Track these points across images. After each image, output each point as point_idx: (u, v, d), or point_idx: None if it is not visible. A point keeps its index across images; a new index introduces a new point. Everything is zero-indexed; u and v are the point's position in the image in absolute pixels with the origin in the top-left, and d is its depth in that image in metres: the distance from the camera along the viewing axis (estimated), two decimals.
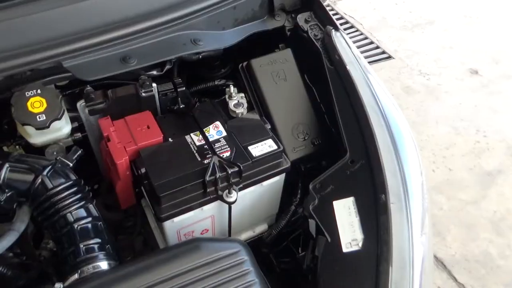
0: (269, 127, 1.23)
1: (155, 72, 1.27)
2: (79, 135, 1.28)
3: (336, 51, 1.27)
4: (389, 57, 3.58)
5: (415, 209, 1.00)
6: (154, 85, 1.25)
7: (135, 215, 1.40)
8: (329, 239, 1.04)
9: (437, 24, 3.90)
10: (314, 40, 1.34)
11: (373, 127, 1.12)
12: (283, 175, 1.23)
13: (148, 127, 1.18)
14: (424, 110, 3.12)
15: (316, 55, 1.33)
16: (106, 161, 1.24)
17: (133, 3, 1.20)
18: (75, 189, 1.05)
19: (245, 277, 0.93)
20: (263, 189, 1.21)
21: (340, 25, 1.51)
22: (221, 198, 1.09)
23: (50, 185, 1.02)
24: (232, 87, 1.33)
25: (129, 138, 1.15)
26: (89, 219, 1.03)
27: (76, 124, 1.24)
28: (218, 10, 1.30)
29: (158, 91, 1.28)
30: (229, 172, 1.09)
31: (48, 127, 1.05)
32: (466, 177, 2.71)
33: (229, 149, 1.14)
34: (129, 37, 1.13)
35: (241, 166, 1.09)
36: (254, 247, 1.05)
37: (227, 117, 1.27)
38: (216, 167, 1.09)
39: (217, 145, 1.15)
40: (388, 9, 4.07)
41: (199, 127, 1.19)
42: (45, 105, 1.04)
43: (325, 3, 1.43)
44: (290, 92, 1.34)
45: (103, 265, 0.96)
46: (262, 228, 1.38)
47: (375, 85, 1.21)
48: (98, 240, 1.01)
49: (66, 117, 1.17)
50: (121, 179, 1.15)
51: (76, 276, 0.92)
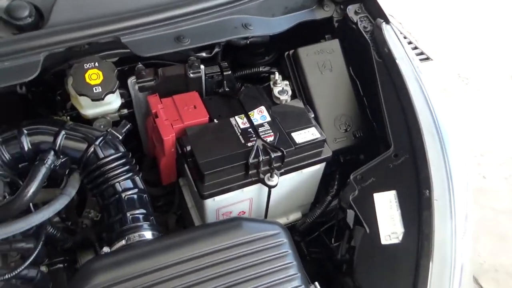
0: (313, 115, 1.24)
1: (204, 54, 1.29)
2: (125, 111, 1.33)
3: (385, 44, 1.26)
4: (427, 59, 3.50)
5: (459, 208, 0.99)
6: (202, 67, 1.28)
7: (173, 193, 1.45)
8: (368, 230, 1.04)
9: (476, 28, 3.78)
10: (363, 32, 1.33)
11: (420, 123, 1.11)
12: (323, 165, 1.24)
13: (194, 107, 1.21)
14: (460, 114, 3.04)
15: (364, 47, 1.33)
16: (151, 138, 1.27)
17: None
18: (123, 160, 1.09)
19: (284, 258, 0.95)
20: (302, 176, 1.22)
21: None
22: (262, 181, 1.11)
23: (101, 155, 1.06)
24: (277, 74, 1.35)
25: (176, 116, 1.18)
26: (136, 191, 1.07)
27: (123, 100, 1.29)
28: None
29: (205, 73, 1.30)
30: (272, 156, 1.10)
31: (102, 99, 1.09)
32: (501, 186, 2.63)
33: (272, 134, 1.15)
34: (184, 18, 1.15)
35: (284, 151, 1.11)
36: None
37: (271, 103, 1.28)
38: (259, 150, 1.11)
39: (261, 129, 1.16)
40: (428, 10, 3.97)
41: (244, 111, 1.21)
42: (101, 77, 1.08)
43: None
44: (335, 82, 1.34)
45: (148, 234, 1.00)
46: (296, 216, 1.39)
47: (425, 81, 1.19)
48: (143, 211, 1.05)
49: (117, 92, 1.22)
50: (166, 156, 1.18)
51: (123, 242, 0.96)
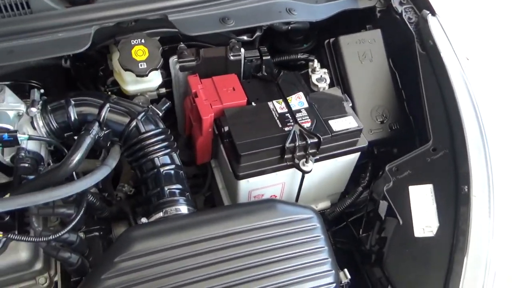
0: (351, 104, 1.23)
1: (245, 37, 1.30)
2: (163, 90, 1.36)
3: (431, 37, 1.23)
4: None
5: (499, 206, 0.97)
6: (242, 50, 1.29)
7: (201, 175, 1.47)
8: (401, 222, 1.04)
9: None
10: (407, 23, 1.30)
11: (462, 119, 1.09)
12: (358, 154, 1.23)
13: (233, 89, 1.22)
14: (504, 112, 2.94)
15: (407, 39, 1.30)
16: (188, 117, 1.30)
17: None
18: (163, 136, 1.12)
19: (316, 242, 0.96)
20: (336, 165, 1.22)
21: None
22: (297, 166, 1.11)
23: (142, 130, 1.09)
24: (316, 61, 1.35)
25: (215, 97, 1.19)
26: (173, 166, 1.10)
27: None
28: None
29: (244, 57, 1.31)
30: (309, 142, 1.11)
31: (146, 75, 1.11)
32: None
33: (309, 120, 1.16)
34: None
35: (321, 137, 1.11)
36: None
37: (308, 90, 1.28)
38: (296, 135, 1.11)
39: (298, 115, 1.17)
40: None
41: (283, 95, 1.21)
42: (147, 54, 1.10)
43: None
44: (374, 73, 1.32)
45: (183, 209, 1.03)
46: (325, 204, 1.39)
47: (469, 77, 1.16)
48: (179, 186, 1.07)
49: (159, 71, 1.24)
50: (203, 135, 1.20)
51: (160, 214, 0.99)
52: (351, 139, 1.18)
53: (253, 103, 1.21)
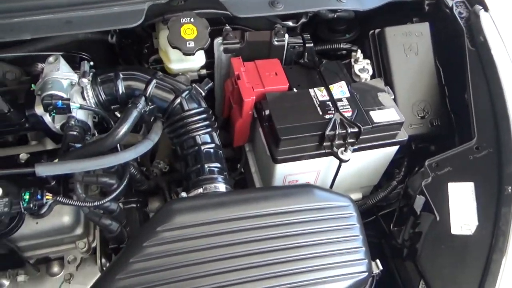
0: (393, 97, 1.22)
1: (290, 23, 1.30)
2: (204, 71, 1.38)
3: (482, 33, 1.20)
4: None
5: None
6: (286, 35, 1.29)
7: (235, 158, 1.49)
8: (438, 218, 1.03)
9: None
10: (458, 17, 1.27)
11: (510, 119, 1.06)
12: (396, 148, 1.22)
13: (275, 74, 1.23)
14: None
15: (456, 34, 1.27)
16: (228, 99, 1.31)
17: None
18: (205, 116, 1.14)
19: (351, 231, 0.97)
20: (373, 157, 1.22)
21: None
22: (335, 154, 1.11)
23: (186, 107, 1.11)
24: (359, 52, 1.33)
25: (258, 80, 1.20)
26: (213, 145, 1.12)
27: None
28: None
29: (287, 43, 1.31)
30: (349, 131, 1.11)
31: (193, 54, 1.13)
32: None
33: (350, 109, 1.15)
34: None
35: (361, 127, 1.10)
36: None
37: (350, 79, 1.28)
38: (336, 123, 1.11)
39: (340, 103, 1.16)
40: None
41: (325, 83, 1.21)
42: (195, 33, 1.12)
43: None
44: (418, 67, 1.30)
45: (222, 187, 1.05)
46: (357, 196, 1.39)
47: None
48: (218, 165, 1.09)
49: (202, 51, 1.26)
50: (243, 118, 1.22)
51: (200, 190, 1.02)
52: (391, 132, 1.17)
53: (295, 89, 1.21)
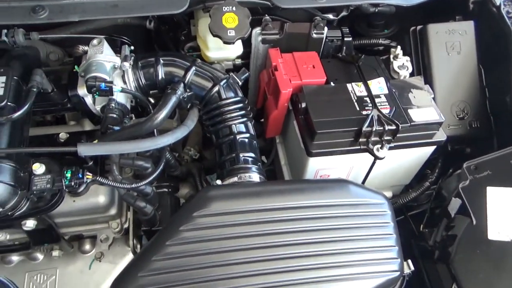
0: (433, 96, 1.19)
1: (330, 16, 1.28)
2: (239, 61, 1.37)
3: None
4: None
5: None
6: (326, 28, 1.27)
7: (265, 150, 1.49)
8: (474, 222, 1.01)
9: None
10: (505, 17, 1.23)
11: None
12: (433, 148, 1.20)
13: (313, 67, 1.22)
14: None
15: (501, 34, 1.23)
16: (263, 90, 1.31)
17: None
18: (241, 105, 1.14)
19: (385, 229, 0.96)
20: (408, 156, 1.20)
21: None
22: (371, 151, 1.10)
23: (223, 96, 1.12)
24: (399, 48, 1.31)
25: (295, 72, 1.20)
26: (248, 135, 1.13)
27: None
28: None
29: (326, 36, 1.30)
30: (386, 128, 1.09)
31: (233, 43, 1.13)
32: None
33: (388, 106, 1.13)
34: None
35: (399, 125, 1.09)
36: None
37: (389, 76, 1.25)
38: (374, 120, 1.10)
39: (378, 100, 1.15)
40: None
41: (363, 79, 1.19)
42: (236, 22, 1.12)
43: None
44: (460, 66, 1.27)
45: (256, 177, 1.05)
46: (386, 194, 1.36)
47: None
48: (253, 155, 1.10)
49: (240, 41, 1.26)
50: (278, 109, 1.22)
51: (235, 179, 1.02)
52: (429, 132, 1.14)
53: (332, 83, 1.20)
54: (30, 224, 1.01)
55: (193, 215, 0.88)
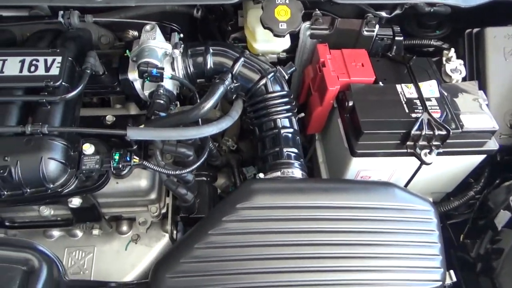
0: (487, 102, 1.14)
1: (383, 13, 1.24)
2: (284, 54, 1.35)
3: None
4: None
5: None
6: (377, 26, 1.24)
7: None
8: None
9: None
10: None
11: None
12: (482, 157, 1.15)
13: (362, 65, 1.19)
14: None
15: None
16: (307, 85, 1.29)
17: None
18: (287, 99, 1.13)
19: (430, 236, 0.93)
20: (455, 163, 1.16)
21: None
22: (418, 156, 1.07)
23: (270, 89, 1.11)
24: (452, 50, 1.26)
25: (343, 70, 1.17)
26: (292, 130, 1.11)
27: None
28: None
29: (376, 34, 1.26)
30: (436, 133, 1.05)
31: (284, 36, 1.11)
32: None
33: (439, 110, 1.10)
34: None
35: (450, 131, 1.05)
36: None
37: (440, 78, 1.21)
38: (424, 123, 1.06)
39: (428, 103, 1.11)
40: None
41: (414, 80, 1.15)
42: (288, 15, 1.10)
43: None
44: None
45: (298, 173, 1.04)
46: None
47: None
48: (296, 150, 1.08)
49: (289, 35, 1.24)
50: (323, 106, 1.20)
51: (278, 173, 1.02)
52: (481, 140, 1.10)
53: (381, 83, 1.17)
54: (76, 202, 1.04)
55: (236, 207, 0.88)
